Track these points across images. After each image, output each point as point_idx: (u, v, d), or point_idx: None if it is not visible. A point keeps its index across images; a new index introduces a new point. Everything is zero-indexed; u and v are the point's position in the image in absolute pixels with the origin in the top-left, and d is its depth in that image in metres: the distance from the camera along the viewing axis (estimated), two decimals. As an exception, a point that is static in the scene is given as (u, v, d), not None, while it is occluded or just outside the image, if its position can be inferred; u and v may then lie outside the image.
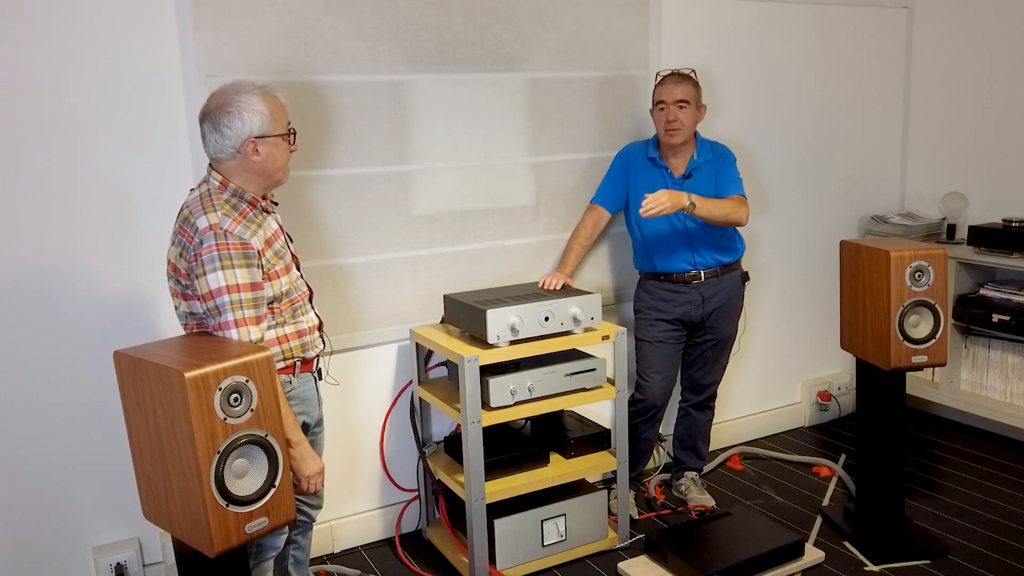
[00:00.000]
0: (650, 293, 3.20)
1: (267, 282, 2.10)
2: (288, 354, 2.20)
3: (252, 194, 2.13)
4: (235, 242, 2.02)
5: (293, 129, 2.18)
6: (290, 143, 2.17)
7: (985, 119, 3.90)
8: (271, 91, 2.13)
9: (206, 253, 1.99)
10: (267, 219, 2.16)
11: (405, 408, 3.15)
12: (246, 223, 2.07)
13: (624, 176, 3.17)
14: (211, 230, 2.00)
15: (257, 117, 2.07)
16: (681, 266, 3.12)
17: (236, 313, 2.00)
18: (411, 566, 2.99)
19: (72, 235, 2.53)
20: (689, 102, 3.00)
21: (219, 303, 1.99)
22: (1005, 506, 3.25)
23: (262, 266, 2.08)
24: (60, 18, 2.42)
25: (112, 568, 2.67)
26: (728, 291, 3.18)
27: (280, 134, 2.12)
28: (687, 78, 3.04)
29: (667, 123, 3.01)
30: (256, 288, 2.04)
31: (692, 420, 3.36)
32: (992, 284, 3.74)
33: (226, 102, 2.07)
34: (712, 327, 3.19)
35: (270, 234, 2.14)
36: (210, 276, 1.99)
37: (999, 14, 3.79)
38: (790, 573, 2.82)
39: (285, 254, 2.19)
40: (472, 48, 3.03)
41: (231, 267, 2.00)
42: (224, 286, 1.99)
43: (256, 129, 2.07)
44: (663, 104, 3.02)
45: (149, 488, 1.91)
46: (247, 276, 2.02)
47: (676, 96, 2.99)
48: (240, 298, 2.00)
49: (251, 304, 2.02)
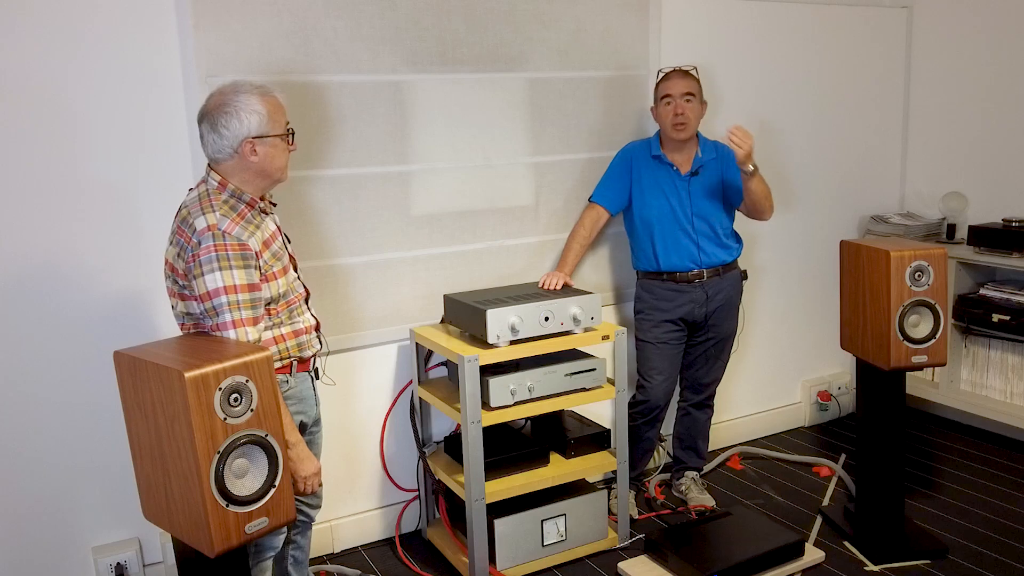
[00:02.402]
0: (651, 293, 3.19)
1: (264, 283, 2.10)
2: (284, 354, 2.20)
3: (250, 195, 2.13)
4: (233, 243, 2.02)
5: (291, 129, 2.18)
6: (288, 143, 2.17)
7: (985, 119, 3.90)
8: (270, 91, 2.13)
9: (204, 254, 1.99)
10: (265, 220, 2.16)
11: (405, 408, 3.15)
12: (244, 224, 2.07)
13: (627, 175, 3.15)
14: (209, 231, 2.01)
15: (255, 117, 2.07)
16: (686, 264, 3.11)
17: (233, 314, 2.00)
18: (411, 566, 2.99)
19: (72, 235, 2.53)
20: (695, 95, 3.01)
21: (216, 304, 1.99)
22: (1005, 506, 3.25)
23: (259, 267, 2.08)
24: (60, 18, 2.42)
25: (112, 568, 2.67)
26: (729, 289, 3.18)
27: (278, 134, 2.12)
28: (689, 74, 3.04)
29: (675, 116, 3.00)
30: (253, 289, 2.04)
31: (692, 419, 3.36)
32: (992, 284, 3.74)
33: (224, 102, 2.07)
34: (714, 325, 3.19)
35: (268, 235, 2.14)
36: (208, 277, 1.99)
37: (999, 14, 3.79)
38: (790, 573, 2.82)
39: (283, 255, 2.19)
40: (472, 48, 3.03)
41: (229, 268, 2.00)
42: (222, 287, 1.99)
43: (254, 129, 2.07)
44: (669, 98, 3.00)
45: (149, 488, 1.91)
46: (244, 277, 2.02)
47: (682, 89, 2.99)
48: (238, 299, 2.01)
49: (248, 305, 2.03)
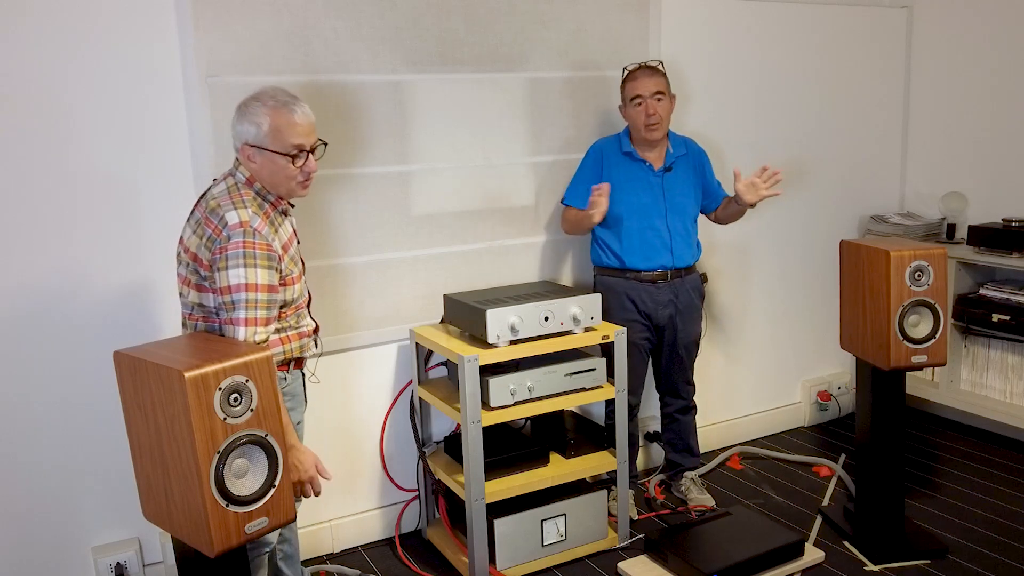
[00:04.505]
0: (611, 290, 3.11)
1: (283, 287, 2.14)
2: (288, 354, 2.24)
3: (273, 195, 2.17)
4: (262, 243, 2.05)
5: (310, 148, 2.14)
6: (294, 165, 2.12)
7: (985, 119, 3.90)
8: (289, 107, 2.10)
9: (232, 248, 2.02)
10: (284, 222, 2.20)
11: (405, 408, 3.15)
12: (269, 224, 2.11)
13: (598, 173, 3.10)
14: (241, 227, 2.04)
15: (252, 128, 2.09)
16: (656, 265, 3.08)
17: (249, 312, 2.03)
18: (411, 566, 2.99)
19: (72, 235, 2.53)
20: (664, 93, 2.99)
21: (235, 299, 2.02)
22: (1005, 506, 3.25)
23: (280, 270, 2.11)
24: (60, 18, 2.42)
25: (112, 568, 2.67)
26: (691, 291, 3.16)
27: (276, 151, 2.09)
28: (657, 70, 3.01)
29: (647, 117, 2.97)
30: (272, 291, 2.08)
31: (681, 424, 3.34)
32: (992, 284, 3.74)
33: (243, 103, 2.13)
34: (680, 328, 3.16)
35: (286, 239, 2.18)
36: (232, 271, 2.02)
37: (999, 14, 3.79)
38: (790, 573, 2.82)
39: (298, 260, 2.24)
40: (472, 48, 3.03)
41: (254, 266, 2.03)
42: (244, 284, 2.02)
43: (251, 137, 2.10)
44: (640, 98, 2.97)
45: (149, 488, 1.91)
46: (267, 277, 2.06)
47: (652, 89, 2.96)
48: (256, 298, 2.04)
49: (264, 305, 2.06)
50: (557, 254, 3.33)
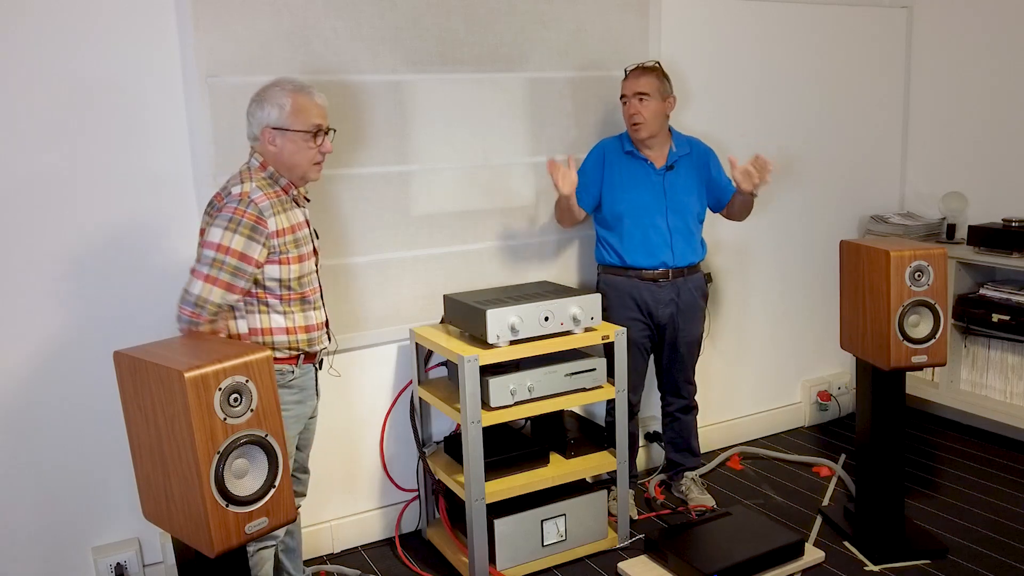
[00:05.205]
0: (614, 288, 3.13)
1: (276, 265, 2.18)
2: (294, 345, 2.26)
3: (285, 180, 2.24)
4: (252, 212, 2.12)
5: (324, 130, 2.26)
6: (314, 143, 2.24)
7: (985, 119, 3.90)
8: (307, 91, 2.25)
9: (224, 211, 2.12)
10: (295, 209, 2.26)
11: (405, 408, 3.15)
12: (274, 202, 2.18)
13: (599, 172, 3.12)
14: (240, 196, 2.13)
15: (275, 110, 2.20)
16: (656, 263, 3.08)
17: (212, 270, 2.10)
18: (411, 566, 2.99)
19: (71, 235, 2.53)
20: (649, 94, 2.97)
21: (205, 254, 2.11)
22: (1005, 506, 3.25)
23: (269, 247, 2.15)
24: (60, 18, 2.42)
25: (112, 568, 2.67)
26: (694, 291, 3.16)
27: (299, 130, 2.20)
28: (650, 70, 3.01)
29: (629, 116, 3.00)
30: (244, 260, 2.12)
31: (681, 423, 3.34)
32: (992, 284, 3.74)
33: (260, 91, 2.25)
34: (681, 327, 3.16)
35: (295, 223, 2.23)
36: (214, 229, 2.11)
37: (999, 14, 3.79)
38: (790, 573, 2.82)
39: (305, 244, 2.27)
40: (472, 48, 3.03)
41: (235, 231, 2.10)
42: (218, 243, 2.10)
43: (273, 120, 2.19)
44: (625, 98, 3.02)
45: (149, 488, 1.91)
46: (242, 245, 2.11)
47: (634, 89, 2.98)
48: (225, 260, 2.10)
49: (230, 270, 2.11)
50: (557, 254, 3.33)
